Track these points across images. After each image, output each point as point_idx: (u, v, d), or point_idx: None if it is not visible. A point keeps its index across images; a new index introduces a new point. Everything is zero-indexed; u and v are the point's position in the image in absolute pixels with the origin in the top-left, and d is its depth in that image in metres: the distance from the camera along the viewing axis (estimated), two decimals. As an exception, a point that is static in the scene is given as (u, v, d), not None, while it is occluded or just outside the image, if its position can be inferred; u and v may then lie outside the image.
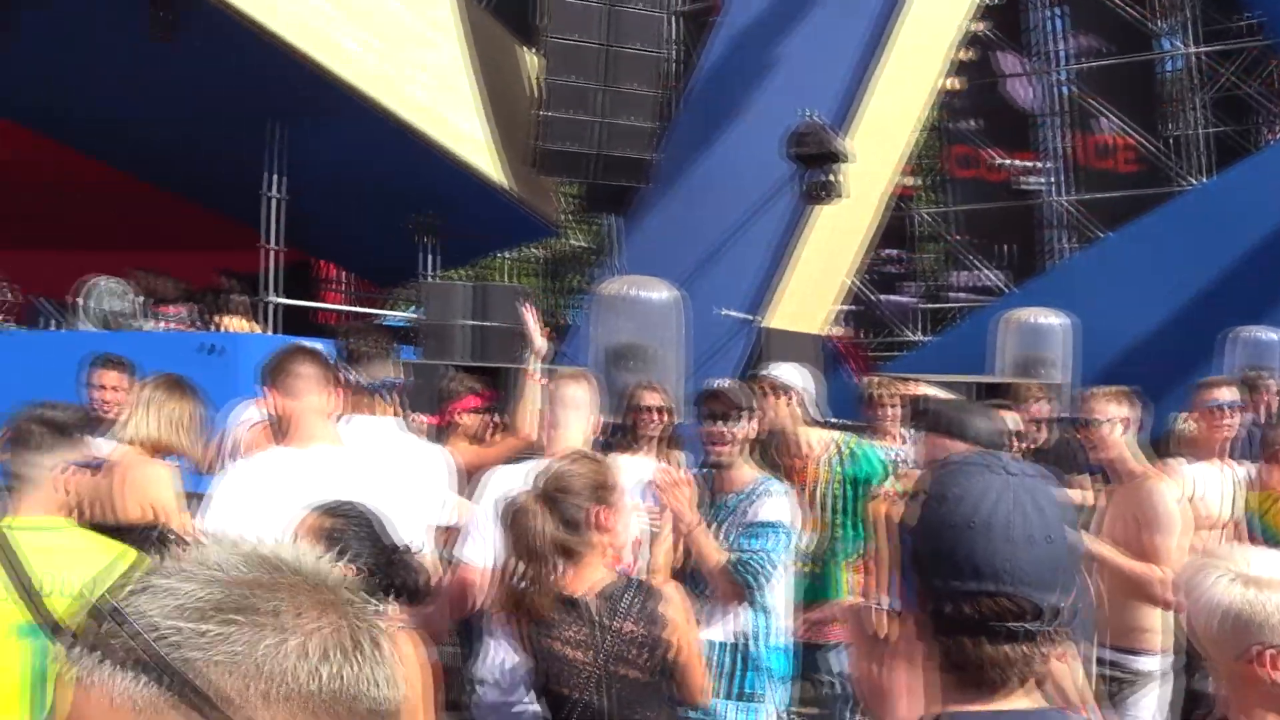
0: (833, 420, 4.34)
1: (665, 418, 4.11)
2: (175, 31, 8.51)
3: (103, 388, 4.75)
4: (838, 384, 8.40)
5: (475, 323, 7.00)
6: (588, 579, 2.44)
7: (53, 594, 2.57)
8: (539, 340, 4.23)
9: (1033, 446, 4.99)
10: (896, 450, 4.61)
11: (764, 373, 4.15)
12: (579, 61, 10.74)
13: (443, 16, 10.88)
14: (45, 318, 9.60)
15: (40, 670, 2.54)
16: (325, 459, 2.89)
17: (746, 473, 3.44)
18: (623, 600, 2.42)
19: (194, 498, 3.54)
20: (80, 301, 9.29)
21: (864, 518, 3.90)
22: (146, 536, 3.39)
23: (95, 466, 2.91)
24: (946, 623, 1.17)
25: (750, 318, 10.11)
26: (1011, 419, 4.55)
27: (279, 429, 3.04)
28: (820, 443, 4.05)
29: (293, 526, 2.37)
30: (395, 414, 4.24)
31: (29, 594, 2.55)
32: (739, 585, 3.15)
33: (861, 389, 4.98)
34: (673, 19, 12.92)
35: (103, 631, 0.69)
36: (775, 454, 4.04)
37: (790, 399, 3.99)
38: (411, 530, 2.54)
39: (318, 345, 4.11)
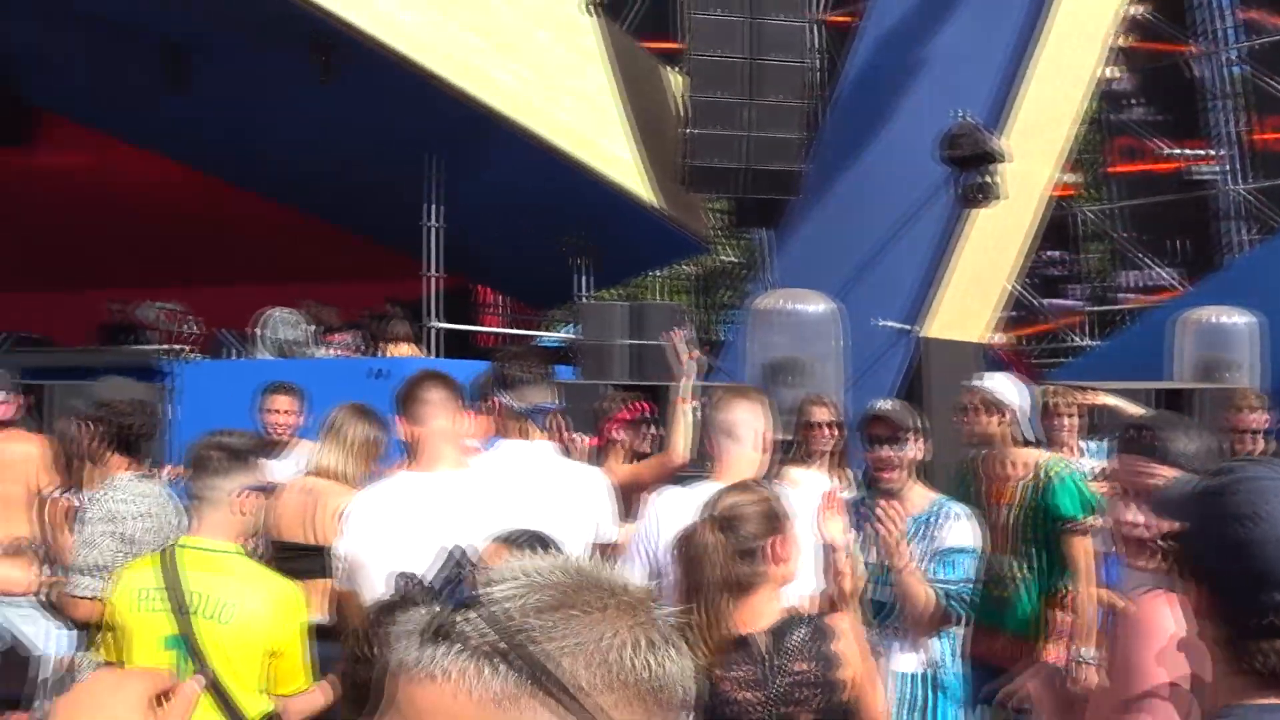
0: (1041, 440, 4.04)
1: (837, 432, 4.03)
2: (336, 74, 8.93)
3: (275, 412, 5.02)
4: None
5: (632, 342, 7.06)
6: (759, 614, 2.32)
7: (198, 613, 2.73)
8: (688, 365, 4.23)
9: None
10: (1074, 463, 4.39)
11: (977, 385, 3.93)
12: (723, 77, 10.72)
13: (588, 43, 11.07)
14: (227, 348, 10.19)
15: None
16: (449, 482, 2.96)
17: (919, 495, 3.34)
18: (794, 637, 2.30)
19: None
20: (258, 332, 9.83)
21: (1057, 551, 3.71)
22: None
23: (268, 489, 3.05)
24: (1262, 631, 1.20)
25: (908, 328, 9.86)
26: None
27: (409, 453, 3.15)
28: (1025, 465, 3.82)
29: (481, 555, 2.41)
30: (550, 438, 4.32)
31: (181, 610, 2.73)
32: (948, 618, 3.06)
33: (1035, 400, 4.76)
34: (814, 27, 12.78)
35: (458, 623, 0.72)
36: (980, 469, 3.90)
37: (1003, 417, 3.78)
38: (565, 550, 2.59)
39: (449, 369, 4.23)
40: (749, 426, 3.15)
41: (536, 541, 2.40)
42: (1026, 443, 3.86)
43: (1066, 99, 10.83)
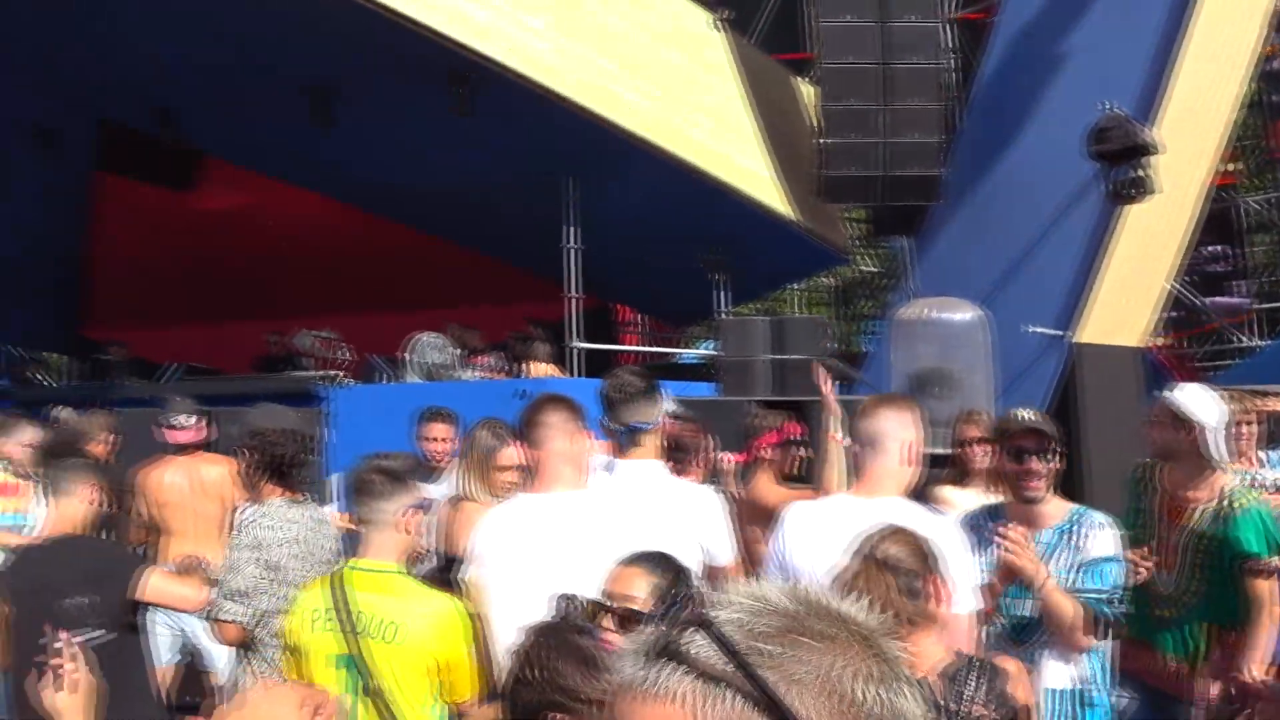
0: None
1: (992, 449, 3.91)
2: (473, 106, 9.19)
3: (432, 439, 5.17)
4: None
5: (774, 357, 7.00)
6: (925, 656, 2.23)
7: (367, 633, 2.81)
8: (835, 403, 4.19)
9: None
10: (1253, 474, 4.13)
11: (1167, 397, 3.66)
12: (855, 84, 10.55)
13: (717, 58, 11.08)
14: (378, 373, 10.58)
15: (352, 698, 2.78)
16: (566, 504, 2.97)
17: (1057, 505, 3.24)
18: (968, 681, 2.21)
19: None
20: (407, 356, 10.17)
21: (1232, 585, 3.50)
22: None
23: (425, 507, 3.14)
24: None
25: (1060, 333, 9.46)
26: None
27: (530, 476, 3.20)
28: (1209, 488, 3.58)
29: (604, 577, 2.43)
30: (692, 456, 4.33)
31: (350, 630, 2.82)
32: (1101, 627, 2.95)
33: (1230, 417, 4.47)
34: (947, 27, 12.47)
35: (684, 644, 0.71)
36: (1160, 482, 3.71)
37: (1191, 432, 3.52)
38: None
39: (590, 388, 4.25)
40: (894, 437, 3.01)
41: (664, 563, 2.40)
42: (1214, 462, 3.56)
43: (1223, 82, 10.21)
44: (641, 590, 2.33)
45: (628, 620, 2.20)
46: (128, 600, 3.52)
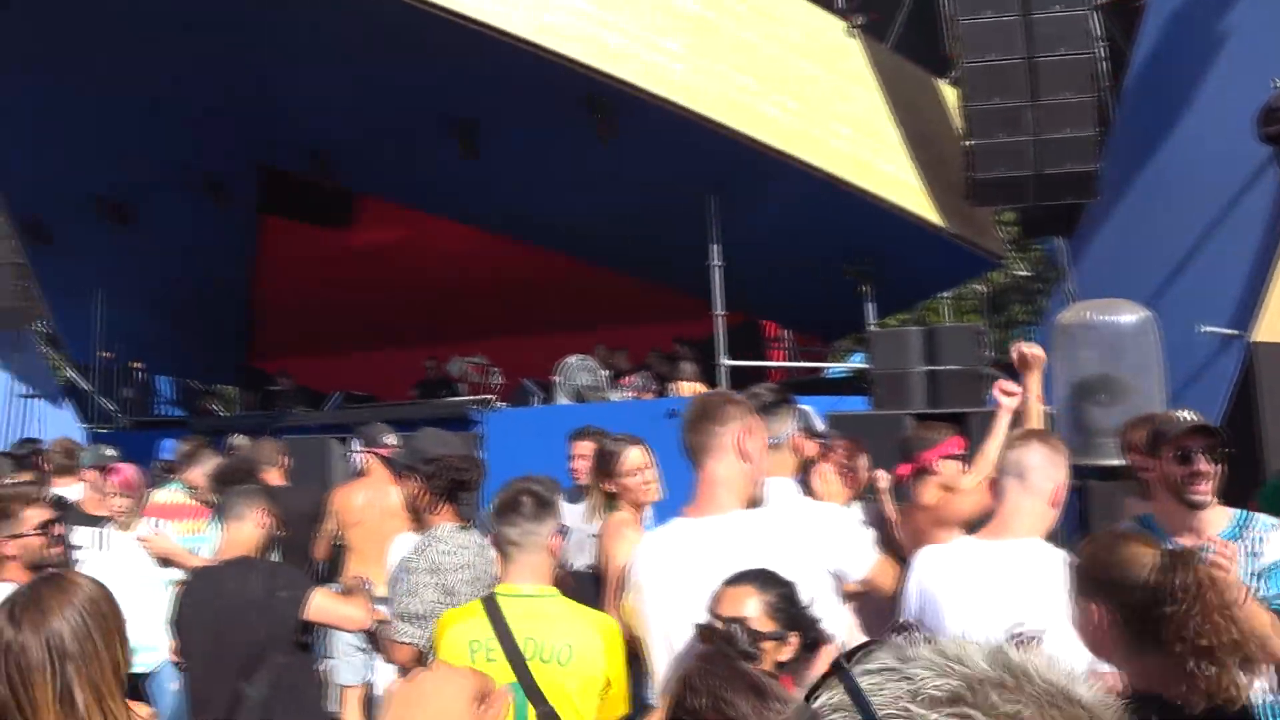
0: None
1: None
2: (614, 130, 9.30)
3: (581, 456, 5.24)
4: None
5: (928, 368, 6.80)
6: None
7: (534, 658, 2.80)
8: (1006, 400, 4.03)
9: None
10: None
11: None
12: (1000, 81, 10.20)
13: (854, 66, 10.92)
14: (530, 395, 10.79)
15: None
16: (725, 525, 2.88)
17: (1219, 511, 3.09)
18: None
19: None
20: (557, 379, 10.35)
21: None
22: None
23: (565, 532, 3.15)
24: None
25: (1235, 333, 8.88)
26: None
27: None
28: None
29: (710, 599, 2.38)
30: (838, 471, 4.24)
31: (515, 657, 2.80)
32: None
33: None
34: (1095, 14, 11.93)
35: (828, 702, 0.69)
36: None
37: None
38: (811, 586, 2.49)
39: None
40: (1046, 475, 2.87)
41: (770, 580, 2.34)
42: None
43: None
44: (753, 610, 2.28)
45: (755, 639, 2.16)
46: (297, 620, 3.65)
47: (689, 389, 10.05)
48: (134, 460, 10.09)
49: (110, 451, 6.26)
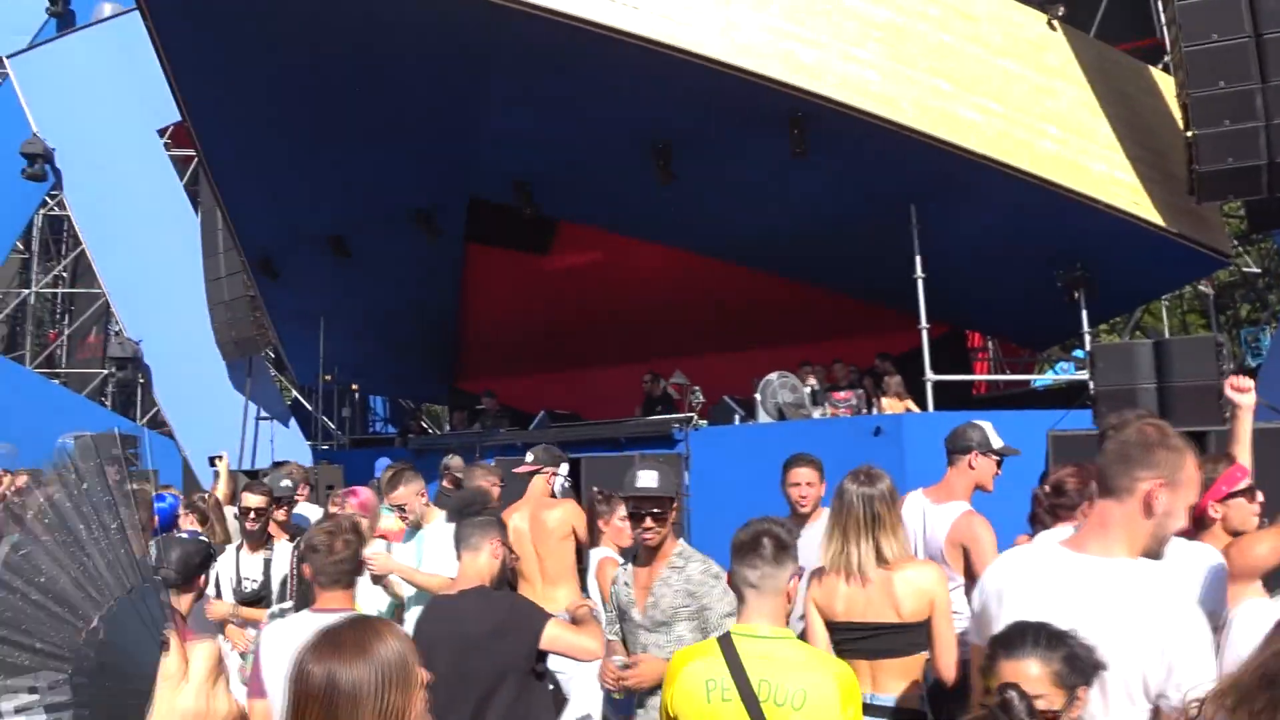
0: None
1: None
2: (809, 145, 9.21)
3: (798, 484, 5.16)
4: None
5: (1158, 384, 6.38)
6: None
7: (768, 700, 2.75)
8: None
9: None
10: None
11: None
12: (1224, 64, 9.47)
13: (1057, 61, 10.41)
14: (732, 413, 10.79)
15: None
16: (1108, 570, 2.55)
17: None
18: None
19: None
20: (758, 397, 10.32)
21: None
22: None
23: (799, 573, 3.10)
24: None
25: None
26: None
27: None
28: None
29: (990, 666, 2.27)
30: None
31: (750, 698, 2.76)
32: None
33: None
34: (1328, -17, 10.93)
35: None
36: None
37: None
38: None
39: (943, 421, 4.00)
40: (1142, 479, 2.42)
41: (1051, 642, 2.21)
42: None
43: None
44: (1040, 681, 2.15)
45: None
46: (532, 649, 3.75)
47: (896, 405, 9.83)
48: (354, 474, 10.71)
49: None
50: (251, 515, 5.75)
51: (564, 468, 6.17)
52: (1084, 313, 10.10)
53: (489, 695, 3.62)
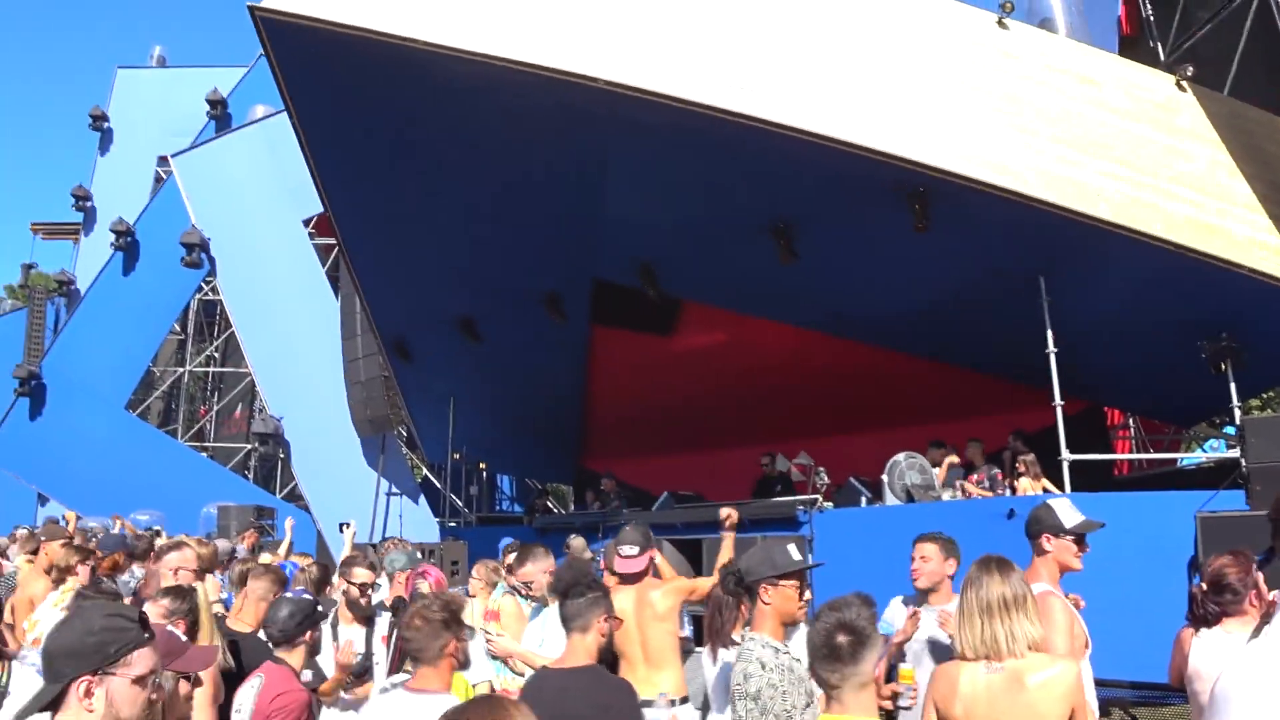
0: None
1: None
2: (931, 219, 9.11)
3: (913, 558, 5.07)
4: None
5: (1317, 461, 6.00)
6: None
7: None
8: None
9: None
10: None
11: None
12: (1370, 109, 9.04)
13: (1188, 121, 10.06)
14: (859, 495, 10.57)
15: None
16: None
17: None
18: None
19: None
20: (885, 478, 10.09)
21: None
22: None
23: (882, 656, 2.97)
24: None
25: None
26: None
27: None
28: None
29: None
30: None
31: None
32: None
33: None
34: None
35: None
36: None
37: None
38: None
39: (1084, 504, 3.79)
40: None
41: None
42: None
43: None
44: None
45: None
46: None
47: (1032, 487, 9.47)
48: (479, 550, 10.86)
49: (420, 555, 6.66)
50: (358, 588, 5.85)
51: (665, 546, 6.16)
52: (1233, 385, 9.57)
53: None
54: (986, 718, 3.28)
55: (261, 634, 4.44)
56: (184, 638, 3.28)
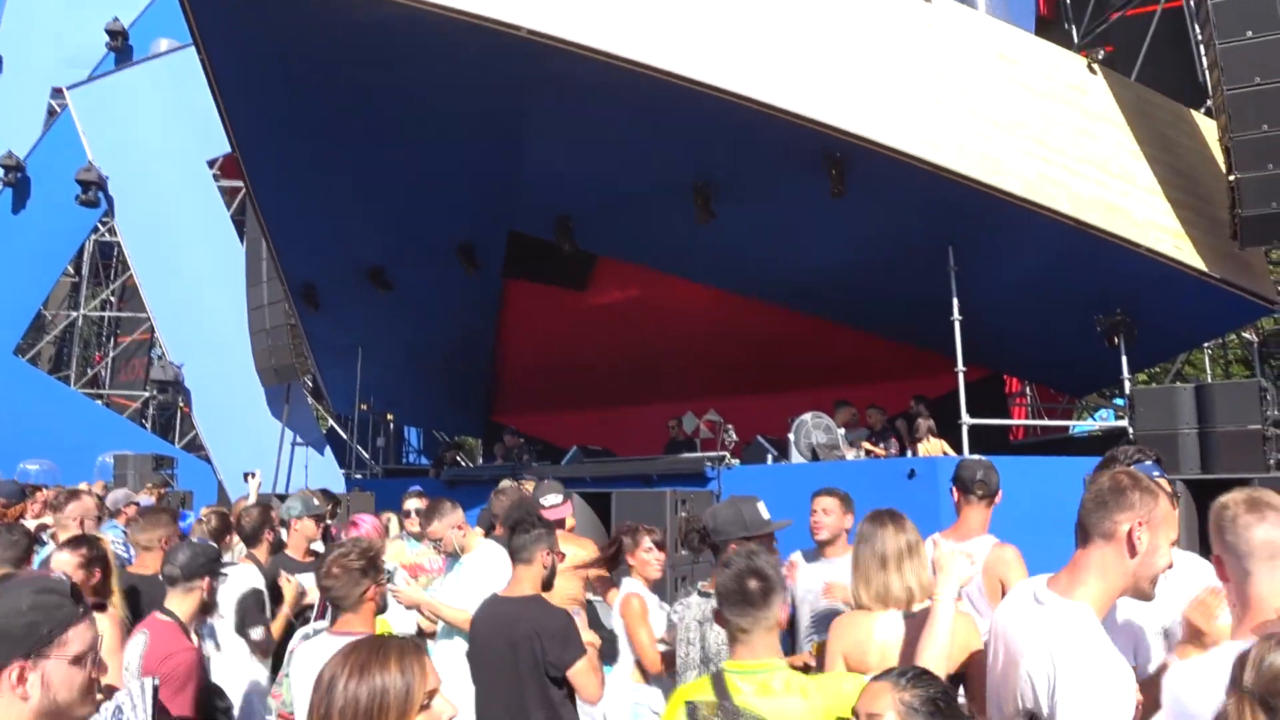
0: None
1: None
2: (847, 185, 9.24)
3: (814, 512, 5.20)
4: None
5: (1200, 429, 6.28)
6: None
7: None
8: None
9: None
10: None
11: None
12: (1267, 107, 9.42)
13: (1098, 104, 10.37)
14: (765, 453, 10.75)
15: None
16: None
17: None
18: None
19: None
20: (791, 437, 10.28)
21: None
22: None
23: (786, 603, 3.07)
24: None
25: None
26: None
27: None
28: None
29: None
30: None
31: None
32: None
33: None
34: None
35: None
36: None
37: None
38: None
39: None
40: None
41: (914, 680, 2.26)
42: None
43: None
44: (889, 711, 2.21)
45: None
46: (561, 670, 3.80)
47: (931, 448, 9.76)
48: (385, 502, 10.77)
49: (316, 502, 6.52)
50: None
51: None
52: (1124, 359, 9.97)
53: (533, 693, 3.80)
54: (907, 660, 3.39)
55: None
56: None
